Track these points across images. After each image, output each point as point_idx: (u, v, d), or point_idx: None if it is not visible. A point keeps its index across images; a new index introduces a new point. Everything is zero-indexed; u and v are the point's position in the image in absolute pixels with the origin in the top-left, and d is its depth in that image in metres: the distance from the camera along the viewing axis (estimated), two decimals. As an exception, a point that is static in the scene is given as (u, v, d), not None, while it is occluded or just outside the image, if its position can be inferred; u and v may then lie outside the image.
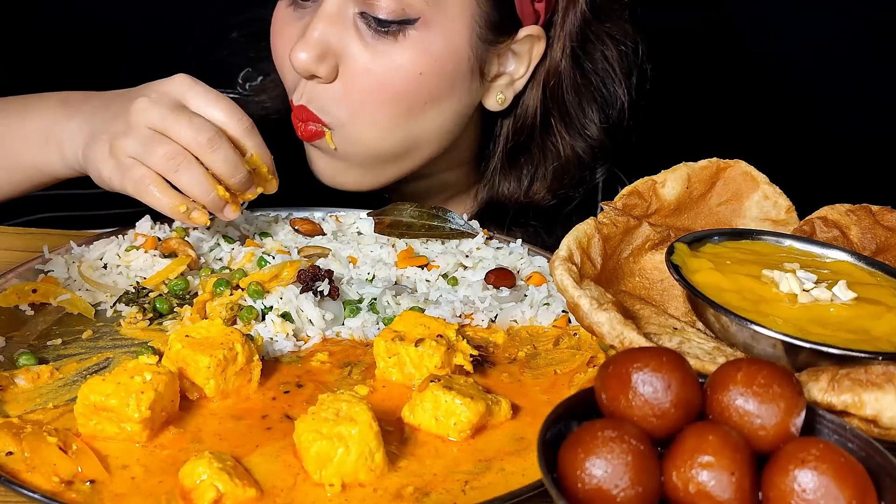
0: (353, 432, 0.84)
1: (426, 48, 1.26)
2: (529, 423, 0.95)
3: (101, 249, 1.25)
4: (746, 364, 0.74)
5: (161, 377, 0.91)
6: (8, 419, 0.92)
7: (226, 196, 1.17)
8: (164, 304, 1.14)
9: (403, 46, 1.25)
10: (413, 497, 0.84)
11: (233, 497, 0.82)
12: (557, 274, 1.00)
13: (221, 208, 1.18)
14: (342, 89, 1.28)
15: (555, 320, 1.15)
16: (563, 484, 0.70)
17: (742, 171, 1.19)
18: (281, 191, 1.27)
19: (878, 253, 1.12)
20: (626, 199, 1.14)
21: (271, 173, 1.23)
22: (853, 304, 0.96)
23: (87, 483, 0.85)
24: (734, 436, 0.70)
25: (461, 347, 1.02)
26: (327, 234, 1.34)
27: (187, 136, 1.13)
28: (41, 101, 1.30)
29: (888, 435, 0.83)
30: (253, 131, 1.19)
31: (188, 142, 1.13)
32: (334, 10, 1.25)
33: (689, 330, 0.99)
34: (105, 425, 0.90)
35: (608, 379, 0.75)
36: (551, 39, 1.37)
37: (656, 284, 1.12)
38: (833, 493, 0.66)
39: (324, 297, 1.14)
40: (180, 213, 1.15)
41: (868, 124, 2.20)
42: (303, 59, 1.24)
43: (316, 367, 1.05)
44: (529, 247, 1.30)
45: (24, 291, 1.16)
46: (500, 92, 1.38)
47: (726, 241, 1.08)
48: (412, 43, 1.25)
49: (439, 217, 1.35)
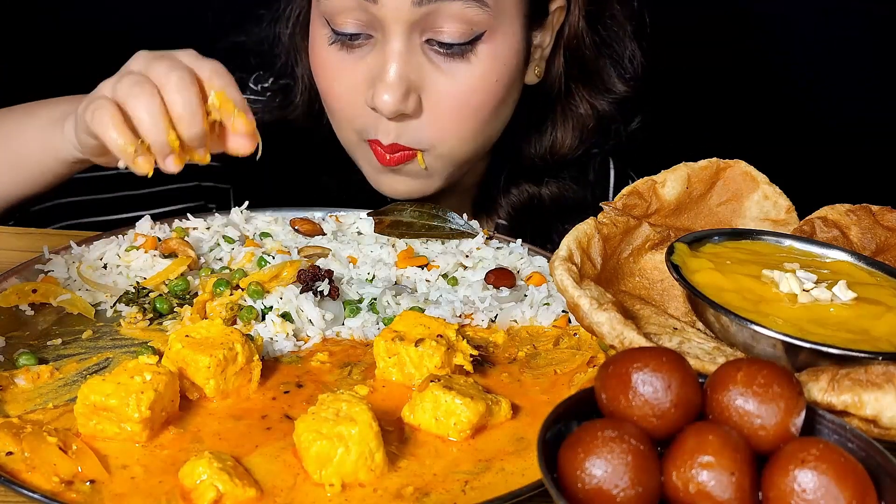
0: (353, 432, 0.84)
1: (496, 56, 1.29)
2: (529, 423, 0.95)
3: (101, 249, 1.25)
4: (746, 364, 0.74)
5: (161, 377, 0.91)
6: (8, 419, 0.92)
7: (174, 145, 1.09)
8: (164, 304, 1.14)
9: (476, 61, 1.28)
10: (413, 497, 0.84)
11: (233, 497, 0.82)
12: (557, 274, 1.00)
13: (166, 156, 1.10)
14: (428, 117, 1.31)
15: (555, 320, 1.15)
16: (563, 484, 0.70)
17: (742, 171, 1.19)
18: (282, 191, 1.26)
19: (878, 253, 1.12)
20: (626, 199, 1.14)
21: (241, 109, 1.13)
22: (853, 304, 0.96)
23: (87, 483, 0.85)
24: (734, 436, 0.70)
25: (461, 347, 1.02)
26: (327, 234, 1.34)
27: (159, 71, 1.09)
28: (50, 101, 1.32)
29: (888, 435, 0.83)
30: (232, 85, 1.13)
31: (158, 76, 1.09)
32: (404, 47, 1.26)
33: (689, 330, 0.99)
34: (105, 425, 0.90)
35: (608, 379, 0.75)
36: (570, 5, 1.40)
37: (656, 284, 1.12)
38: (833, 493, 0.66)
39: (324, 297, 1.14)
40: (128, 152, 1.07)
41: (868, 124, 2.20)
42: (389, 101, 1.26)
43: (316, 367, 1.05)
44: (529, 247, 1.31)
45: (24, 291, 1.16)
46: (536, 65, 1.41)
47: (726, 241, 1.08)
48: (483, 56, 1.28)
49: (439, 217, 1.35)
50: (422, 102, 1.30)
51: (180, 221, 1.33)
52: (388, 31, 1.25)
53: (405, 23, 1.24)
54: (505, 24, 1.29)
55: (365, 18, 1.26)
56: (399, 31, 1.25)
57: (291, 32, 1.47)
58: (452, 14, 1.23)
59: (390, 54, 1.26)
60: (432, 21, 1.24)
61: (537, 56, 1.40)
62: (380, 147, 1.34)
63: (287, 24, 1.47)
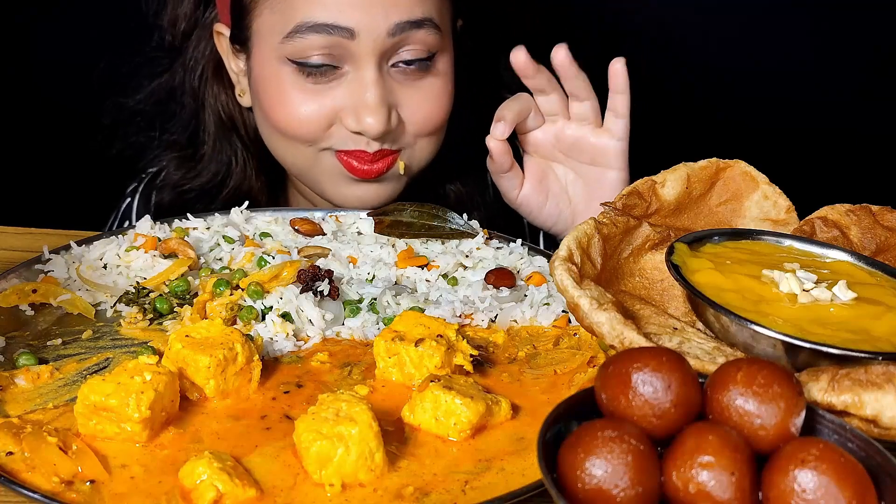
0: (353, 432, 0.84)
1: (447, 69, 1.48)
2: (529, 423, 0.95)
3: (101, 249, 1.25)
4: (746, 364, 0.74)
5: (161, 377, 0.91)
6: (8, 419, 0.92)
7: None
8: (164, 304, 1.14)
9: (436, 74, 1.46)
10: (413, 497, 0.84)
11: (233, 497, 0.82)
12: (557, 274, 1.00)
13: None
14: (406, 126, 1.45)
15: (555, 320, 1.15)
16: (563, 484, 0.70)
17: (742, 171, 1.19)
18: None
19: (878, 253, 1.12)
20: (626, 199, 1.14)
21: None
22: (853, 304, 0.96)
23: (87, 483, 0.85)
24: (734, 436, 0.70)
25: (461, 347, 1.02)
26: (327, 234, 1.34)
27: None
28: None
29: (888, 435, 0.83)
30: None
31: None
32: (377, 74, 1.40)
33: (689, 330, 0.99)
34: (105, 425, 0.90)
35: (608, 379, 0.75)
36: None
37: (656, 284, 1.12)
38: (833, 493, 0.66)
39: (324, 297, 1.14)
40: None
41: (868, 124, 2.19)
42: (374, 124, 1.39)
43: (316, 367, 1.05)
44: (529, 247, 1.31)
45: (24, 291, 1.16)
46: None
47: (726, 241, 1.08)
48: (441, 69, 1.46)
49: (439, 217, 1.35)
50: (401, 117, 1.44)
51: (180, 221, 1.33)
52: (360, 62, 1.39)
53: (377, 53, 1.38)
54: (448, 41, 1.48)
55: (338, 53, 1.39)
56: (371, 61, 1.39)
57: (199, 79, 1.60)
58: (416, 40, 1.40)
59: (367, 82, 1.39)
60: (398, 49, 1.40)
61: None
62: (356, 161, 1.43)
63: (193, 73, 1.60)
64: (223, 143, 1.62)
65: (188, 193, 1.63)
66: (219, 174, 1.62)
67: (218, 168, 1.63)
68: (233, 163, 1.62)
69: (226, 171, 1.62)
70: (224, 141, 1.62)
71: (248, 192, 1.60)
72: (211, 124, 1.62)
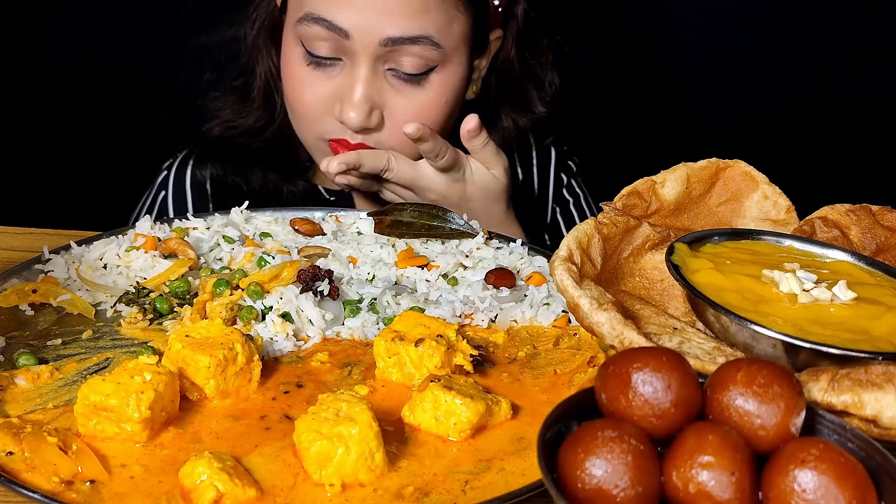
0: (353, 432, 0.84)
1: (446, 82, 1.53)
2: (529, 423, 0.95)
3: (101, 249, 1.25)
4: (746, 364, 0.74)
5: (161, 377, 0.91)
6: (8, 419, 0.92)
7: None
8: (164, 304, 1.14)
9: (429, 87, 1.51)
10: (413, 497, 0.84)
11: (233, 497, 0.82)
12: (557, 274, 1.00)
13: None
14: (389, 130, 1.52)
15: (555, 320, 1.15)
16: (563, 484, 0.70)
17: (742, 171, 1.19)
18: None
19: (878, 253, 1.12)
20: (626, 199, 1.14)
21: None
22: (853, 304, 0.96)
23: (87, 483, 0.85)
24: (734, 436, 0.70)
25: (461, 347, 1.02)
26: (327, 234, 1.34)
27: None
28: None
29: (888, 435, 0.83)
30: None
31: None
32: (370, 73, 1.47)
33: (689, 330, 0.99)
34: (105, 425, 0.90)
35: (608, 379, 0.75)
36: (506, 34, 1.66)
37: (656, 284, 1.12)
38: (833, 493, 0.66)
39: (324, 297, 1.14)
40: None
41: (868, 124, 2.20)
42: (355, 118, 1.47)
43: (316, 367, 1.05)
44: (529, 247, 1.31)
45: (24, 291, 1.16)
46: (474, 84, 1.65)
47: (726, 241, 1.08)
48: (436, 83, 1.51)
49: (439, 217, 1.35)
50: (384, 118, 1.51)
51: (180, 221, 1.33)
52: (356, 59, 1.47)
53: (371, 55, 1.45)
54: (455, 57, 1.52)
55: (337, 46, 1.46)
56: (366, 61, 1.46)
57: (255, 35, 1.67)
58: (413, 53, 1.46)
59: (357, 78, 1.47)
60: (395, 56, 1.46)
61: (475, 76, 1.64)
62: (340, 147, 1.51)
63: (252, 27, 1.67)
64: (268, 98, 1.70)
65: (235, 128, 1.71)
66: (262, 119, 1.71)
67: (262, 114, 1.71)
68: (276, 113, 1.70)
69: (269, 117, 1.70)
70: (269, 96, 1.70)
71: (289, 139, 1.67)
72: (260, 78, 1.69)
